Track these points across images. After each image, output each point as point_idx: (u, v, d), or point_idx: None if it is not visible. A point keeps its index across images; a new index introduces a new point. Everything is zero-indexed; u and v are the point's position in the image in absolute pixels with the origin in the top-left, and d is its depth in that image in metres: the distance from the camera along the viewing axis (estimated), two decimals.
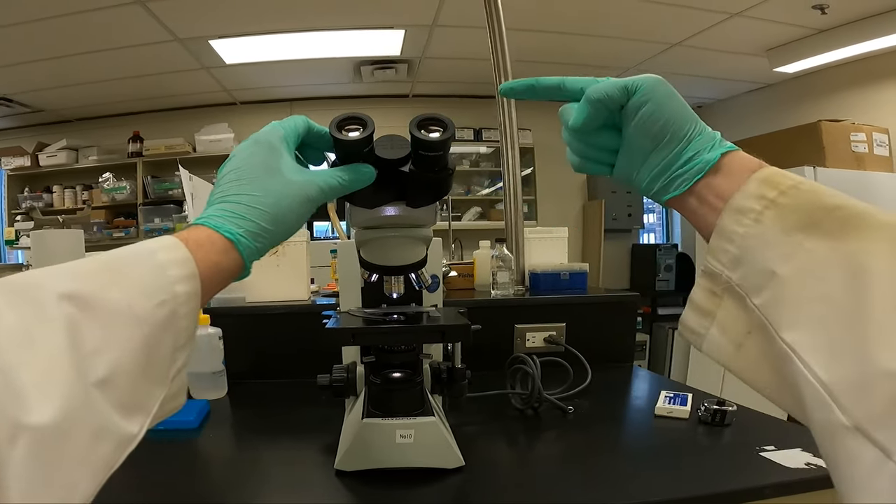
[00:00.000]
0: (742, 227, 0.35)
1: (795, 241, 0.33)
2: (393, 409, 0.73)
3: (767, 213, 0.35)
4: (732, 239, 0.36)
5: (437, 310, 0.81)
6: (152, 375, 0.35)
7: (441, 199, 0.68)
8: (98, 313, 0.32)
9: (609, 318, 1.34)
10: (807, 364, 0.30)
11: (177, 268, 0.37)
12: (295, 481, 0.75)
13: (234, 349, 1.17)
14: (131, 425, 0.33)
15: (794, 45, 3.45)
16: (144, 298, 0.35)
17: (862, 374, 0.27)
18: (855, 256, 0.30)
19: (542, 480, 0.73)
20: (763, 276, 0.34)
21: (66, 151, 4.28)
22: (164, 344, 0.36)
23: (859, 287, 0.29)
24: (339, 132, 0.59)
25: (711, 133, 0.41)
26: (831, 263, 0.31)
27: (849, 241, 0.31)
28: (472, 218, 4.57)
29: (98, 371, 0.31)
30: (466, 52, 3.56)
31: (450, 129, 0.60)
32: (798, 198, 0.34)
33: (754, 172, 0.37)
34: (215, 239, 0.41)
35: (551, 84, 0.48)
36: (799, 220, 0.33)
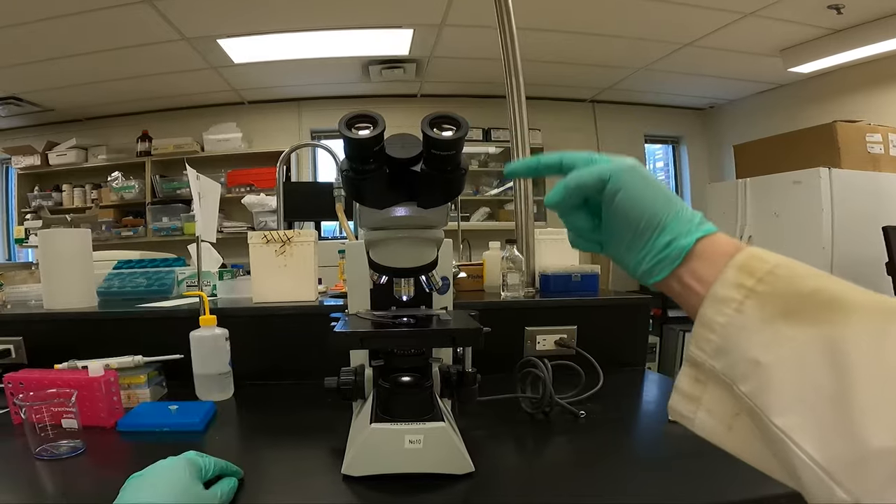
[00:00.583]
0: (723, 317, 0.37)
1: (776, 329, 0.34)
2: (402, 414, 0.71)
3: (748, 303, 0.36)
4: (714, 328, 0.37)
5: (448, 312, 0.79)
6: None
7: (453, 199, 0.66)
8: None
9: (621, 321, 1.31)
10: (801, 447, 0.32)
11: None
12: (301, 486, 0.73)
13: (241, 350, 1.16)
14: None
15: (808, 46, 3.42)
16: None
17: (855, 453, 0.29)
18: (835, 343, 0.32)
19: (552, 487, 0.70)
20: (748, 364, 0.35)
21: (75, 150, 4.31)
22: None
23: (841, 371, 0.31)
24: (349, 130, 0.58)
25: (690, 215, 0.42)
26: (813, 350, 0.33)
27: (828, 327, 0.33)
28: (480, 218, 4.57)
29: None
30: (475, 51, 3.55)
31: (463, 128, 0.59)
32: (776, 284, 0.36)
33: (732, 257, 0.38)
34: None
35: (551, 162, 0.48)
36: (778, 307, 0.35)
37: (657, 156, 5.26)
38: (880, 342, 0.31)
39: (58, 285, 1.30)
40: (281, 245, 1.26)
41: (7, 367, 1.05)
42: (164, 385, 1.16)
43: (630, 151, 3.58)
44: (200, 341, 1.08)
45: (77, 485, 0.74)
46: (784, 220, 2.94)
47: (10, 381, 0.94)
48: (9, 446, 0.86)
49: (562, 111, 4.71)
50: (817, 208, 2.74)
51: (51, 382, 0.91)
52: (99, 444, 0.87)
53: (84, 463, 0.80)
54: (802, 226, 2.82)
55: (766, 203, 3.05)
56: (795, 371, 0.33)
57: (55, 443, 0.81)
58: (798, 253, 2.00)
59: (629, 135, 4.90)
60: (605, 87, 4.48)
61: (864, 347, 0.31)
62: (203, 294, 1.12)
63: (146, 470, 0.60)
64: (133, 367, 1.07)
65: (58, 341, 1.20)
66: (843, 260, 2.74)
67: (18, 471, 0.77)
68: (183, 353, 1.09)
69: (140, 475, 0.59)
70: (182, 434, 0.91)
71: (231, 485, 0.66)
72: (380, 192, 0.63)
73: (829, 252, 2.73)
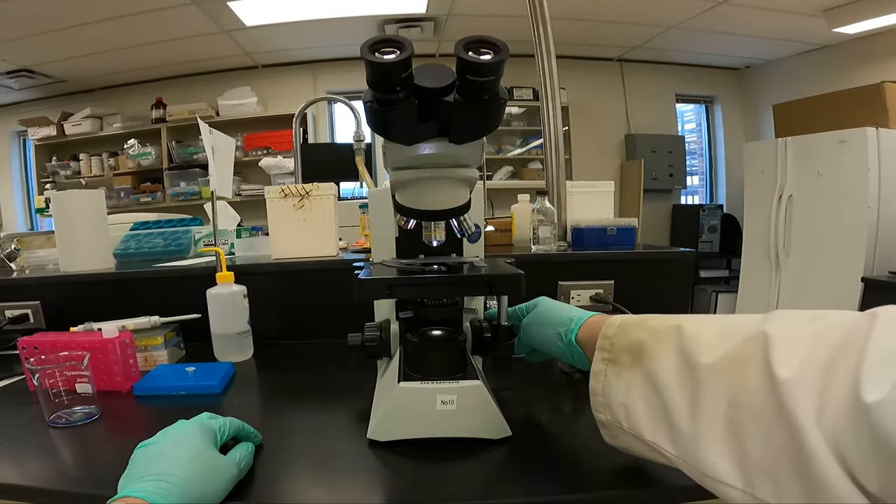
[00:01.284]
0: (599, 384, 0.55)
1: (624, 378, 0.53)
2: (432, 372, 0.65)
3: (609, 370, 0.55)
4: (598, 392, 0.55)
5: (481, 260, 0.72)
6: None
7: (490, 132, 0.59)
8: None
9: (662, 277, 1.23)
10: (662, 447, 0.48)
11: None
12: (323, 452, 0.67)
13: (261, 308, 1.11)
14: None
15: (855, 6, 3.24)
16: None
17: (681, 436, 0.46)
18: (651, 377, 0.49)
19: (594, 454, 0.63)
20: (620, 408, 0.53)
21: (90, 120, 4.30)
22: None
23: (660, 392, 0.48)
24: (373, 55, 0.51)
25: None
26: (642, 384, 0.51)
27: (642, 366, 0.51)
28: (504, 177, 4.48)
29: None
30: (495, 8, 3.40)
31: (504, 52, 0.52)
32: (614, 348, 0.55)
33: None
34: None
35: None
36: (620, 365, 0.54)
37: (687, 116, 5.06)
38: (675, 366, 0.47)
39: (73, 248, 1.27)
40: (300, 199, 1.19)
41: (25, 333, 1.01)
42: (181, 346, 1.11)
43: (660, 111, 3.46)
44: (218, 299, 1.03)
45: (91, 453, 0.70)
46: (827, 180, 2.82)
47: (25, 345, 0.90)
48: (22, 414, 0.82)
49: (589, 69, 4.52)
50: (863, 168, 2.62)
51: (64, 346, 0.87)
52: (114, 409, 0.83)
53: (99, 429, 0.76)
54: (847, 186, 2.70)
55: (809, 162, 2.92)
56: (640, 401, 0.50)
57: (70, 409, 0.77)
58: (842, 212, 1.89)
59: (659, 94, 4.70)
60: (634, 46, 4.27)
61: (671, 375, 0.47)
62: (219, 249, 1.06)
63: (156, 437, 0.55)
64: (149, 328, 1.03)
65: (75, 305, 1.17)
66: (889, 220, 2.63)
67: (31, 440, 0.73)
68: (201, 313, 1.04)
69: (149, 444, 0.54)
70: (200, 397, 0.87)
71: (248, 449, 0.61)
72: (408, 125, 0.56)
73: (875, 212, 2.61)
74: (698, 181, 5.07)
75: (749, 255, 3.38)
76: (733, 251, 3.88)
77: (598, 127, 4.59)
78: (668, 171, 4.54)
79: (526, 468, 0.61)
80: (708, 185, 5.01)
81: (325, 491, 0.59)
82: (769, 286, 3.20)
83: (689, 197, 5.05)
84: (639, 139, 4.54)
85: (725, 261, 4.40)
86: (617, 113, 4.68)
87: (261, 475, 0.61)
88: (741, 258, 3.45)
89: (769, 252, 3.16)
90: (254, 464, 0.62)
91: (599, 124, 4.59)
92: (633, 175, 4.40)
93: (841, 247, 2.74)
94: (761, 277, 3.26)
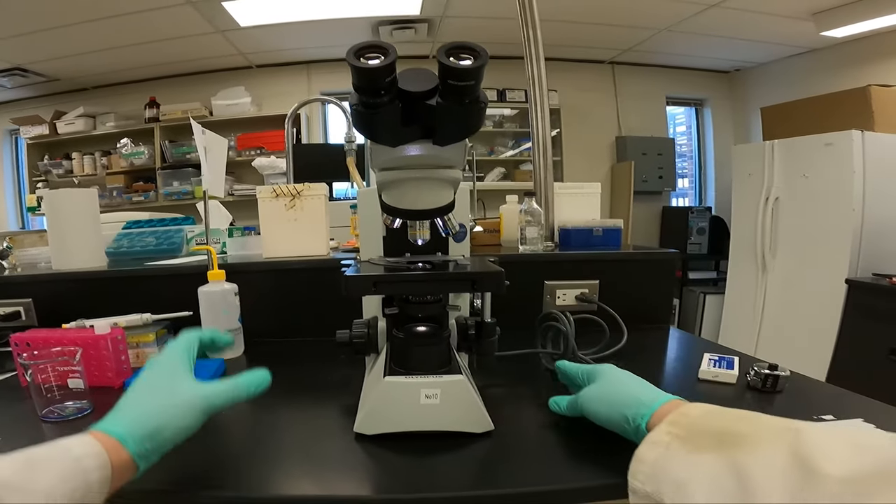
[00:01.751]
0: (654, 454, 0.51)
1: (692, 459, 0.48)
2: (417, 366, 0.67)
3: (673, 444, 0.50)
4: (646, 462, 0.51)
5: (465, 258, 0.74)
6: None
7: (471, 134, 0.61)
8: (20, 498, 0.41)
9: (646, 277, 1.25)
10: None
11: (91, 460, 0.47)
12: (311, 445, 0.69)
13: (252, 307, 1.12)
14: None
15: (843, 9, 3.28)
16: (61, 485, 0.43)
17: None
18: (736, 464, 0.44)
19: (576, 448, 0.66)
20: (671, 484, 0.48)
21: (83, 119, 4.28)
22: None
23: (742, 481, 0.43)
24: (358, 60, 0.53)
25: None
26: (719, 468, 0.45)
27: (729, 453, 0.45)
28: (495, 178, 4.51)
29: None
30: (489, 10, 3.42)
31: (483, 57, 0.54)
32: (691, 429, 0.50)
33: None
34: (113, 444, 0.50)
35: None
36: (694, 445, 0.49)
37: (678, 119, 5.10)
38: (771, 464, 0.43)
39: (65, 246, 1.28)
40: (291, 199, 1.21)
41: (17, 330, 1.02)
42: None
43: (651, 113, 3.48)
44: (209, 297, 1.04)
45: None
46: (813, 182, 2.86)
47: (17, 341, 0.91)
48: (15, 409, 0.83)
49: (580, 72, 4.56)
50: (848, 171, 2.66)
51: (56, 341, 0.89)
52: (106, 404, 0.83)
53: (90, 424, 0.77)
54: (832, 188, 2.74)
55: (795, 165, 2.96)
56: (706, 484, 0.45)
57: (62, 404, 0.78)
58: (827, 214, 1.92)
59: (650, 97, 4.74)
60: (626, 49, 4.31)
61: (760, 470, 0.43)
62: (211, 248, 1.08)
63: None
64: (141, 325, 1.04)
65: (67, 302, 1.17)
66: (873, 223, 2.67)
67: (24, 434, 0.74)
68: (192, 311, 1.06)
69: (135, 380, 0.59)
70: None
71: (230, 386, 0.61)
72: (392, 127, 0.58)
73: (860, 214, 2.65)
74: (688, 183, 5.12)
75: (736, 256, 3.42)
76: (721, 253, 3.92)
77: (590, 129, 4.62)
78: (658, 174, 4.58)
79: (507, 461, 0.63)
80: (697, 187, 5.06)
81: (311, 483, 0.61)
82: (755, 288, 3.24)
83: (678, 199, 5.10)
84: (629, 141, 4.57)
85: (714, 262, 4.44)
86: (608, 115, 4.71)
87: (250, 468, 0.63)
88: (729, 260, 3.50)
89: (756, 254, 3.20)
90: (240, 457, 0.64)
91: (591, 126, 4.63)
92: (624, 177, 4.43)
93: (826, 249, 2.77)
94: (748, 279, 3.29)
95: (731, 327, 3.47)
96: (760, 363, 0.87)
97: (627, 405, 0.59)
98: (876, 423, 0.68)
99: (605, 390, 0.65)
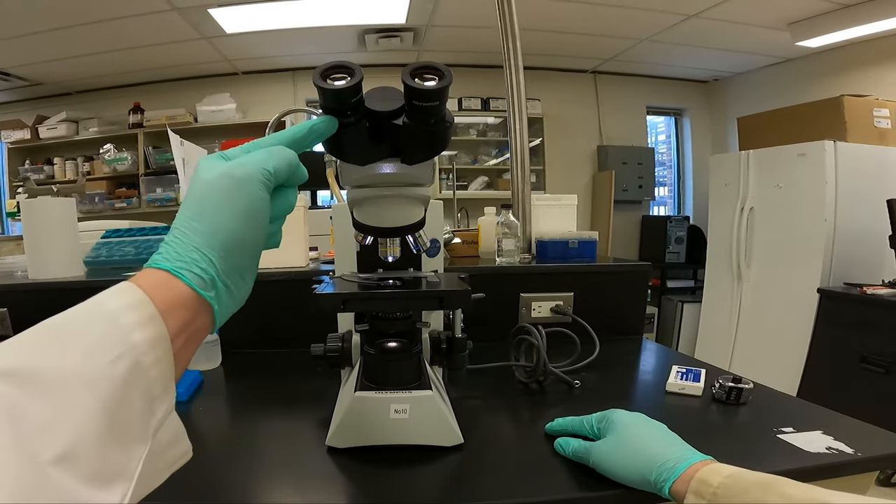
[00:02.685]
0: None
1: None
2: (388, 382, 0.68)
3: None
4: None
5: (437, 275, 0.76)
6: (124, 437, 0.32)
7: (438, 154, 0.62)
8: (41, 387, 0.29)
9: (619, 289, 1.28)
10: None
11: (131, 313, 0.33)
12: (284, 458, 0.70)
13: (230, 318, 1.13)
14: (110, 495, 0.30)
15: (817, 20, 3.35)
16: (94, 358, 0.31)
17: None
18: None
19: (546, 460, 0.68)
20: None
21: (66, 124, 4.24)
22: (132, 401, 0.32)
23: None
24: (324, 81, 0.54)
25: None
26: None
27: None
28: (478, 187, 4.54)
29: (52, 449, 0.28)
30: (473, 20, 3.45)
31: (447, 78, 0.55)
32: (718, 502, 0.48)
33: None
34: (173, 282, 0.37)
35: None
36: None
37: (659, 128, 5.18)
38: None
39: (42, 255, 1.27)
40: None
41: None
42: None
43: (631, 122, 3.52)
44: None
45: None
46: (787, 192, 2.91)
47: None
48: None
49: (563, 81, 4.61)
50: (821, 181, 2.71)
51: None
52: None
53: None
54: (805, 198, 2.80)
55: (770, 175, 3.02)
56: None
57: None
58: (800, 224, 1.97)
59: (631, 106, 4.81)
60: (608, 58, 4.37)
61: None
62: None
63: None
64: None
65: (43, 312, 1.14)
66: (845, 232, 2.72)
67: None
68: None
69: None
70: None
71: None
72: (360, 146, 0.59)
73: (832, 224, 2.70)
74: (667, 192, 5.19)
75: (713, 266, 3.47)
76: (699, 262, 3.98)
77: (572, 138, 4.67)
78: (638, 183, 4.64)
79: (480, 472, 0.65)
80: (676, 196, 5.14)
81: (281, 494, 0.62)
82: (731, 297, 3.29)
83: (658, 208, 5.17)
84: (611, 150, 4.63)
85: (692, 271, 4.50)
86: (590, 124, 4.77)
87: (224, 479, 0.64)
88: (706, 269, 3.55)
89: (731, 263, 3.25)
90: (214, 470, 0.65)
91: (573, 135, 4.68)
92: (605, 186, 4.49)
93: (799, 258, 2.82)
94: (724, 288, 3.35)
95: (708, 336, 3.52)
96: (725, 376, 0.89)
97: (649, 470, 0.55)
98: (834, 436, 0.71)
99: (621, 447, 0.60)
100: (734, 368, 0.84)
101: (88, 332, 0.32)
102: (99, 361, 0.31)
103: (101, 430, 0.30)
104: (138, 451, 0.33)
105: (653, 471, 0.54)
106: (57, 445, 0.28)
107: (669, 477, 0.53)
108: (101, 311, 0.33)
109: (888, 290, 2.39)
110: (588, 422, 0.68)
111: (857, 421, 0.77)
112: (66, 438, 0.28)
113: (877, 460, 0.67)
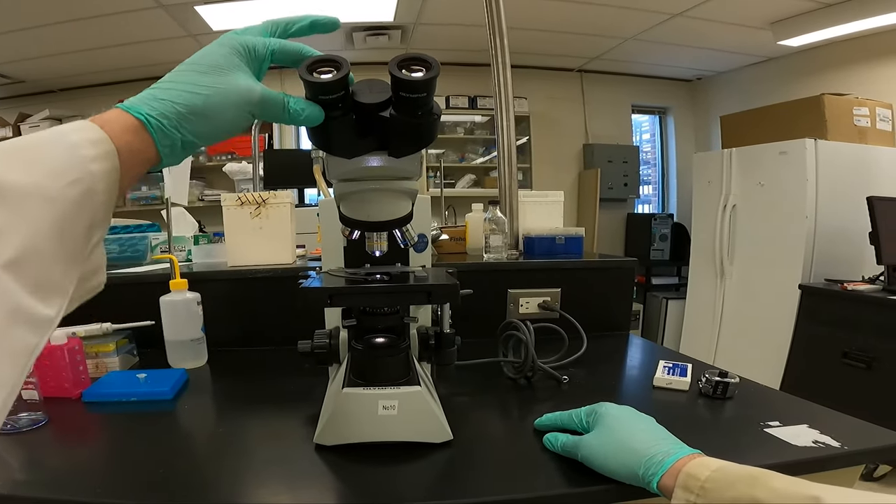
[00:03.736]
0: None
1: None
2: (376, 378, 0.68)
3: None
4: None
5: (424, 270, 0.76)
6: (67, 255, 0.34)
7: (425, 146, 0.62)
8: (4, 196, 0.31)
9: (606, 285, 1.29)
10: None
11: (91, 147, 0.36)
12: (272, 456, 0.70)
13: (215, 315, 1.12)
14: (47, 308, 0.32)
15: (799, 19, 3.39)
16: (55, 178, 0.33)
17: None
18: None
19: (536, 456, 0.68)
20: None
21: (49, 122, 4.16)
22: (79, 222, 0.35)
23: None
24: (311, 75, 0.54)
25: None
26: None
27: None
28: (466, 185, 4.54)
29: (5, 253, 0.30)
30: (461, 18, 3.45)
31: (434, 69, 0.54)
32: (706, 497, 0.48)
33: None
34: (126, 118, 0.40)
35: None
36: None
37: (644, 127, 5.22)
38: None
39: None
40: (256, 207, 1.21)
41: None
42: (135, 353, 1.12)
43: (617, 121, 3.53)
44: (171, 306, 1.04)
45: (37, 459, 0.70)
46: (769, 190, 2.95)
47: None
48: None
49: (549, 80, 4.63)
50: (802, 179, 2.75)
51: None
52: (62, 415, 0.83)
53: (45, 435, 0.76)
54: (787, 196, 2.83)
55: (752, 173, 3.06)
56: None
57: (15, 415, 0.77)
58: (782, 222, 1.99)
59: (616, 105, 4.84)
60: (593, 57, 4.40)
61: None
62: (173, 257, 1.07)
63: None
64: (101, 334, 1.03)
65: None
66: (826, 229, 2.77)
67: None
68: (155, 321, 1.05)
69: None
70: (151, 403, 0.88)
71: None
72: (347, 139, 0.59)
73: (813, 221, 2.74)
74: (652, 190, 5.24)
75: (696, 263, 3.50)
76: (683, 259, 4.02)
77: (559, 136, 4.69)
78: (623, 181, 4.68)
79: (470, 469, 0.65)
80: (661, 194, 5.19)
81: (269, 492, 0.61)
82: (714, 293, 3.33)
83: (643, 206, 5.21)
84: (596, 149, 4.66)
85: (676, 268, 4.55)
86: (576, 123, 4.79)
87: (210, 478, 0.63)
88: (689, 266, 3.58)
89: (714, 260, 3.29)
90: (201, 469, 0.64)
91: (559, 134, 4.70)
92: (591, 184, 4.52)
93: (780, 255, 2.86)
94: (707, 285, 3.38)
95: (692, 332, 3.55)
96: (712, 370, 0.90)
97: (637, 463, 0.55)
98: (820, 430, 0.72)
99: (608, 441, 0.60)
100: (718, 364, 0.85)
101: (52, 155, 0.34)
102: (60, 181, 0.33)
103: (52, 245, 0.32)
104: (74, 271, 0.35)
105: (641, 465, 0.54)
106: (10, 250, 0.30)
107: (658, 471, 0.53)
108: (64, 140, 0.35)
109: (868, 286, 2.43)
110: (577, 415, 0.68)
111: (843, 415, 0.78)
112: (19, 246, 0.30)
113: (863, 454, 0.68)
